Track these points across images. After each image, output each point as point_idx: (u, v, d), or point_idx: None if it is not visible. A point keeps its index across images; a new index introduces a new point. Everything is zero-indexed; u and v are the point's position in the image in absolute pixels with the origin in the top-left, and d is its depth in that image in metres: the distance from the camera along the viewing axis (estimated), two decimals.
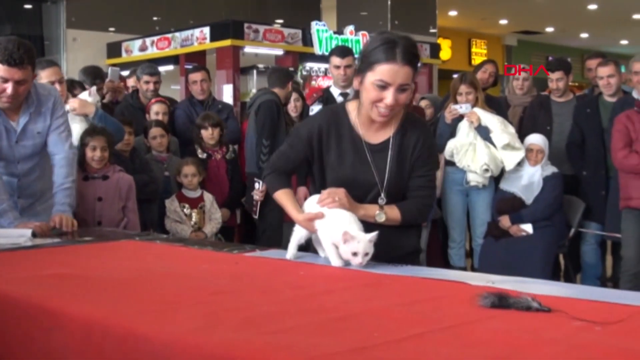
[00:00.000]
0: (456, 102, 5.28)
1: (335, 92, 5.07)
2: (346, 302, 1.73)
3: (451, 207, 5.46)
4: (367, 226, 2.29)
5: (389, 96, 2.31)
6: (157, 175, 4.99)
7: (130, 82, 6.51)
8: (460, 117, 5.24)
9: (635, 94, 5.03)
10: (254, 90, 7.69)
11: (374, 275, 2.11)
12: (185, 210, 4.86)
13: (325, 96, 5.10)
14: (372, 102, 2.35)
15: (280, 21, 10.07)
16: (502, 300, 1.63)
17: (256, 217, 5.29)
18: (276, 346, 1.33)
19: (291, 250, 2.44)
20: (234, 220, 5.51)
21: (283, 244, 2.73)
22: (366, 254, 2.17)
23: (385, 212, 2.43)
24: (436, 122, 5.53)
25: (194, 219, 4.86)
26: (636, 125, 4.55)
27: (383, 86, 2.30)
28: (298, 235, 2.43)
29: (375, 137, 2.50)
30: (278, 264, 2.38)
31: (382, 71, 2.29)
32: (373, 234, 2.19)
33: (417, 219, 2.56)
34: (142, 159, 4.92)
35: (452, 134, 5.27)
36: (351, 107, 2.53)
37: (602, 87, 5.32)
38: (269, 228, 5.25)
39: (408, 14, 11.39)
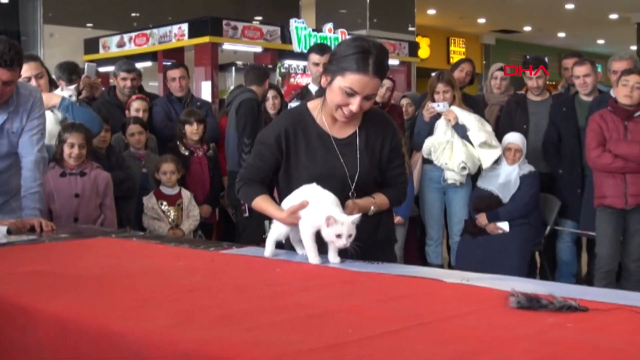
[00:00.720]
0: (434, 101, 5.30)
1: (314, 89, 5.06)
2: (322, 299, 1.73)
3: (429, 205, 5.48)
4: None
5: (355, 103, 2.37)
6: (133, 172, 4.96)
7: None
8: (438, 116, 5.26)
9: (612, 93, 5.08)
10: (232, 88, 7.66)
11: (350, 272, 2.12)
12: (163, 207, 4.84)
13: (303, 93, 5.10)
14: (337, 105, 2.41)
15: (259, 18, 10.04)
16: (532, 302, 1.61)
17: (246, 214, 5.26)
18: (251, 343, 1.33)
19: (269, 248, 2.44)
20: (215, 217, 5.50)
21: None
22: (349, 236, 2.20)
23: (379, 205, 2.54)
24: (414, 120, 5.55)
25: (171, 216, 4.85)
26: (609, 125, 4.60)
27: (351, 94, 2.36)
28: (276, 232, 2.43)
29: (341, 132, 2.55)
30: (254, 261, 2.38)
31: (353, 80, 2.34)
32: (356, 216, 2.23)
33: (401, 202, 2.70)
34: (118, 156, 4.88)
35: (430, 132, 5.29)
36: (312, 106, 2.57)
37: (578, 87, 5.36)
38: (249, 225, 5.23)
39: (387, 12, 11.42)
